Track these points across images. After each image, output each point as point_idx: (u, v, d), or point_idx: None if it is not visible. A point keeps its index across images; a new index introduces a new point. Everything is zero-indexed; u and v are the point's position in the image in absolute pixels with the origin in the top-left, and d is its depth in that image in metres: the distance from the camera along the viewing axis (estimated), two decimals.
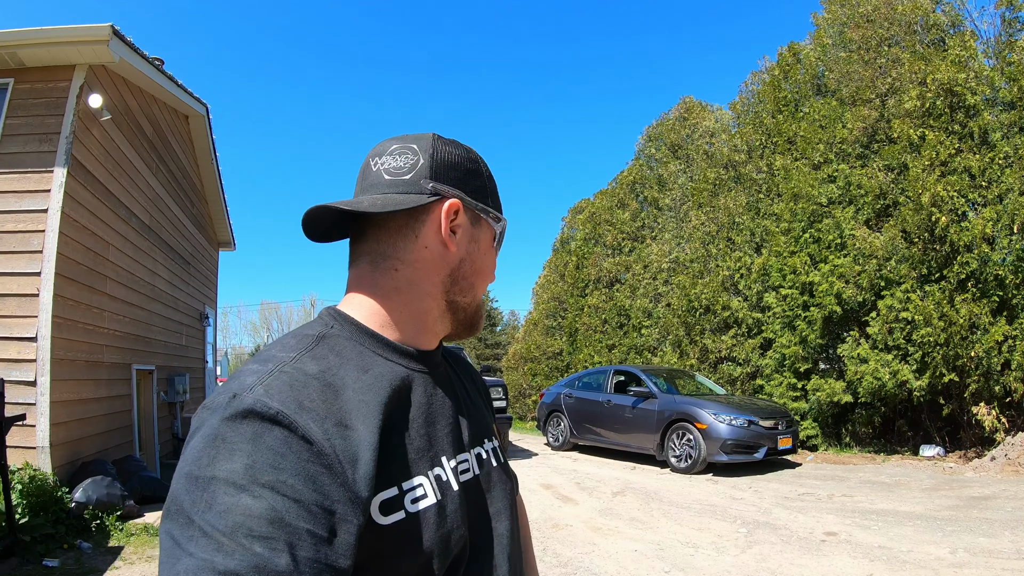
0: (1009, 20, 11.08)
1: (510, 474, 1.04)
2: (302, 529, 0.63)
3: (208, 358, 12.76)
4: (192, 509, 0.63)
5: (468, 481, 0.89)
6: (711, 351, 14.57)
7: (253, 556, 0.60)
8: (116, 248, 7.72)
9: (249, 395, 0.69)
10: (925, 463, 10.24)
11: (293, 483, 0.65)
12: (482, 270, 0.96)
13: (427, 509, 0.78)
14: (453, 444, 0.89)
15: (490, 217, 0.96)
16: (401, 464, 0.78)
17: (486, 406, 1.11)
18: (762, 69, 16.39)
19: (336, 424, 0.72)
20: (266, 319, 52.47)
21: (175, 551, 0.62)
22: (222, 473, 0.64)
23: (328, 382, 0.76)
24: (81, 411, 6.67)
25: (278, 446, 0.66)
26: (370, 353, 0.84)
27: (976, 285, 10.12)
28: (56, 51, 6.20)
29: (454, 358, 1.09)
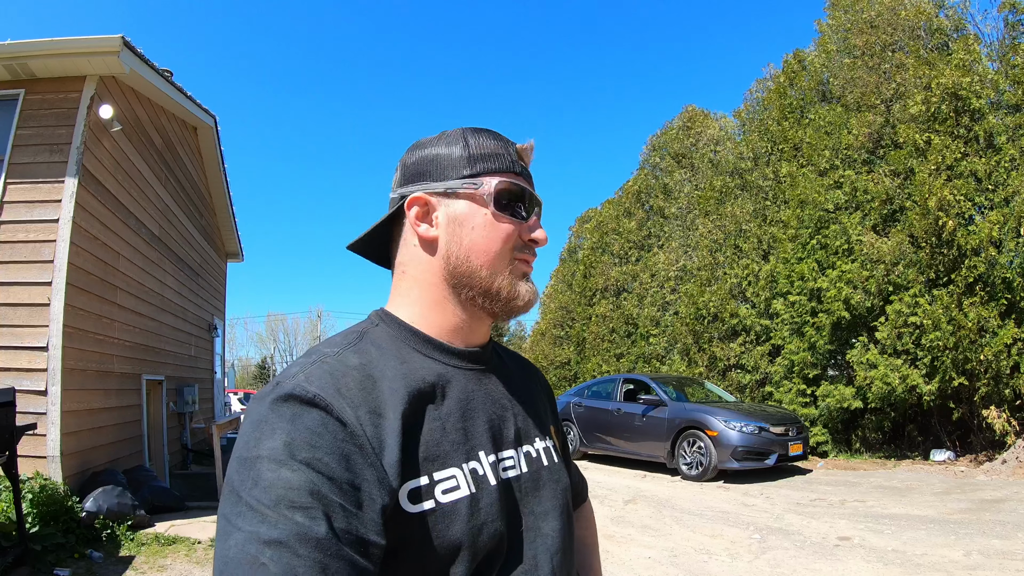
0: (1012, 23, 11.12)
1: (567, 475, 1.03)
2: (335, 503, 0.68)
3: (217, 369, 12.77)
4: (240, 487, 0.68)
5: (512, 478, 0.90)
6: (720, 359, 14.54)
7: (295, 525, 0.64)
8: (126, 258, 7.76)
9: (290, 381, 0.75)
10: (936, 467, 10.17)
11: (328, 460, 0.70)
12: (473, 246, 0.91)
13: (459, 501, 0.80)
14: (494, 440, 0.89)
15: (464, 188, 0.91)
16: (433, 455, 0.80)
17: (548, 406, 1.10)
18: (766, 76, 16.47)
19: (369, 411, 0.76)
20: (272, 331, 52.63)
21: (227, 528, 0.66)
22: (265, 451, 0.69)
23: (368, 373, 0.81)
24: (91, 421, 6.68)
25: (315, 426, 0.71)
26: (409, 349, 0.89)
27: (984, 288, 10.08)
28: (67, 62, 6.25)
29: (512, 356, 1.10)
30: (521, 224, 0.93)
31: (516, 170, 0.94)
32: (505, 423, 0.93)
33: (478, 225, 0.91)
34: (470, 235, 0.91)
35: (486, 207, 0.91)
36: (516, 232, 0.93)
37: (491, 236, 0.91)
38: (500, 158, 0.93)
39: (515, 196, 0.93)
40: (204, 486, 8.23)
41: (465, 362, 0.93)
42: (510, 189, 0.92)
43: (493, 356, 1.00)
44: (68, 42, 6.11)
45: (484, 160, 0.92)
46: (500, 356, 1.05)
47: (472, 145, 0.93)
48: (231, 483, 0.69)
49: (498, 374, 0.98)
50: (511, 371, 1.04)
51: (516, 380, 1.03)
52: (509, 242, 0.92)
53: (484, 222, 0.91)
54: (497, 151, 0.94)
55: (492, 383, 0.95)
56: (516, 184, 0.93)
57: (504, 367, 1.03)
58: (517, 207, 0.93)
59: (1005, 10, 11.07)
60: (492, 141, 0.95)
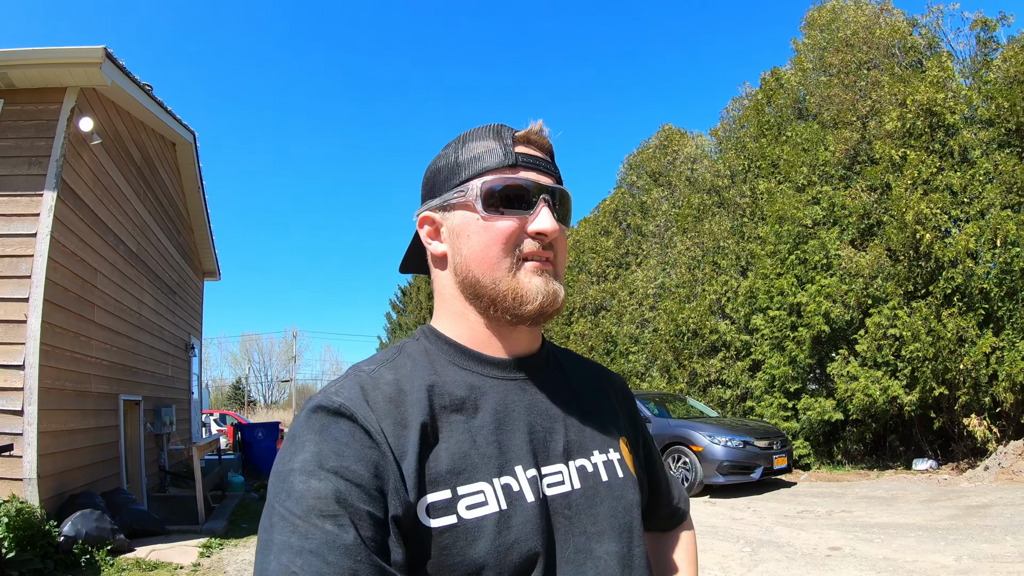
0: (984, 40, 11.48)
1: (638, 491, 0.95)
2: (363, 510, 0.69)
3: (194, 389, 12.54)
4: (275, 500, 0.70)
5: (558, 495, 0.84)
6: (700, 375, 14.62)
7: (324, 533, 0.66)
8: (104, 275, 7.59)
9: (321, 395, 0.78)
10: (919, 476, 10.28)
11: (356, 468, 0.71)
12: (472, 255, 0.87)
13: (485, 517, 0.76)
14: (536, 454, 0.84)
15: (455, 198, 0.89)
16: (459, 468, 0.78)
17: (621, 416, 1.02)
18: (743, 95, 16.74)
19: (395, 423, 0.76)
20: (247, 351, 51.78)
21: (264, 540, 0.69)
22: (297, 464, 0.71)
23: (400, 387, 0.81)
24: (69, 442, 6.48)
25: (342, 436, 0.73)
26: (445, 361, 0.87)
27: (962, 299, 10.29)
28: (47, 72, 6.13)
29: (579, 363, 1.05)
30: (523, 218, 0.87)
31: (508, 162, 0.87)
32: (552, 435, 0.88)
33: (472, 232, 0.87)
34: (468, 244, 0.88)
35: (476, 211, 0.87)
36: (516, 229, 0.86)
37: (485, 240, 0.86)
38: (489, 155, 0.88)
39: (508, 191, 0.87)
40: (183, 509, 8.01)
41: (506, 372, 0.89)
42: (499, 185, 0.86)
43: (548, 363, 0.96)
44: (49, 52, 5.99)
45: (472, 163, 0.89)
46: (560, 362, 1.00)
47: (460, 151, 0.91)
48: (268, 498, 0.72)
49: (551, 382, 0.93)
50: (571, 379, 0.98)
51: (575, 388, 0.97)
52: (506, 242, 0.86)
53: (477, 228, 0.87)
54: (487, 148, 0.89)
55: (540, 392, 0.90)
56: (507, 178, 0.87)
57: (562, 375, 0.97)
58: (513, 202, 0.87)
59: (977, 28, 11.45)
60: (481, 141, 0.90)
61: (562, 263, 0.92)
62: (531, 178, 0.88)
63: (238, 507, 8.84)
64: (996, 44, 11.39)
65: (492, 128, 0.91)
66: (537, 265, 0.87)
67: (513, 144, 0.89)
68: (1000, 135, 10.57)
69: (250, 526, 7.74)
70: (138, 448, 8.75)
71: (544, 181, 0.89)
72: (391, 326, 44.78)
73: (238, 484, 10.09)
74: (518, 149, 0.89)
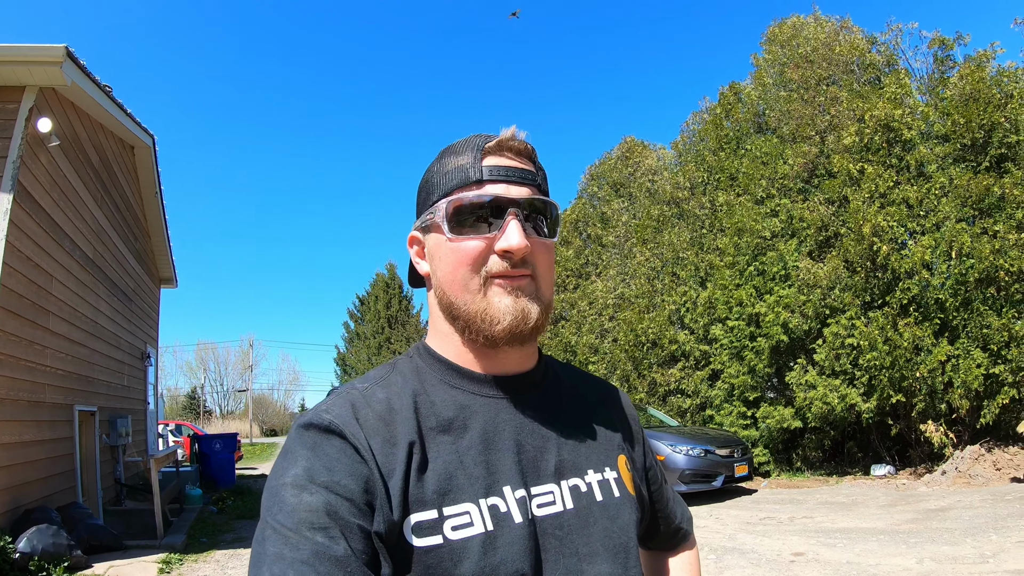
0: (941, 58, 11.91)
1: (634, 511, 0.92)
2: (353, 524, 0.70)
3: (150, 399, 12.18)
4: (267, 514, 0.72)
5: (549, 515, 0.83)
6: (660, 384, 14.75)
7: (315, 545, 0.67)
8: (59, 282, 7.33)
9: (311, 412, 0.79)
10: (878, 482, 10.53)
11: (346, 483, 0.72)
12: (444, 277, 0.86)
13: (471, 538, 0.76)
14: (524, 473, 0.83)
15: (428, 219, 0.88)
16: (445, 489, 0.77)
17: (620, 433, 0.99)
18: (703, 109, 17.00)
19: (385, 441, 0.77)
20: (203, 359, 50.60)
21: (258, 553, 0.70)
22: (288, 478, 0.72)
23: (390, 406, 0.81)
24: (23, 454, 6.23)
25: (333, 452, 0.74)
26: (435, 380, 0.87)
27: (918, 309, 10.60)
28: (6, 70, 5.89)
29: (579, 378, 1.02)
30: (491, 236, 0.84)
31: (474, 178, 0.84)
32: (543, 454, 0.86)
33: (443, 254, 0.86)
34: (441, 266, 0.87)
35: (443, 233, 0.85)
36: (482, 249, 0.84)
37: (453, 262, 0.85)
38: (457, 172, 0.86)
39: (473, 209, 0.84)
40: (140, 523, 7.76)
41: (497, 390, 0.87)
42: (463, 204, 0.84)
43: (544, 380, 0.94)
44: (8, 49, 5.76)
45: (443, 182, 0.87)
46: (559, 378, 0.97)
47: (433, 170, 0.89)
48: (262, 512, 0.73)
49: (545, 400, 0.91)
50: (568, 395, 0.96)
51: (572, 405, 0.95)
52: (472, 263, 0.84)
53: (446, 249, 0.85)
54: (456, 165, 0.86)
55: (533, 411, 0.88)
56: (473, 196, 0.84)
57: (558, 391, 0.95)
58: (480, 220, 0.84)
59: (935, 46, 11.88)
60: (453, 156, 0.88)
61: (545, 278, 0.87)
62: (496, 193, 0.84)
63: (196, 521, 8.61)
64: (953, 63, 11.83)
65: (467, 141, 0.89)
66: (507, 283, 0.84)
67: (482, 156, 0.86)
68: (955, 150, 10.96)
69: (209, 540, 7.54)
70: (93, 460, 8.45)
71: (515, 194, 0.85)
72: (349, 335, 44.26)
73: (196, 497, 9.82)
74: (488, 161, 0.86)
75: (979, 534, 6.30)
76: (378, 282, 43.46)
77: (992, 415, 9.67)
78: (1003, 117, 10.44)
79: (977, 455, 9.65)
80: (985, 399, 9.84)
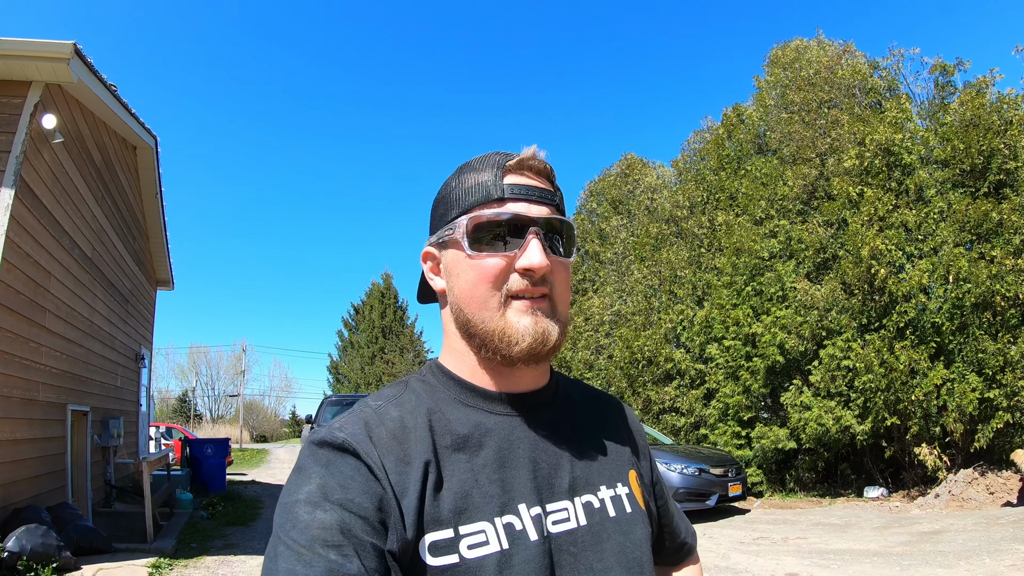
0: (942, 84, 12.04)
1: (646, 526, 0.93)
2: (367, 542, 0.70)
3: (142, 401, 12.10)
4: (280, 530, 0.71)
5: (563, 532, 0.83)
6: (654, 402, 14.75)
7: (328, 563, 0.67)
8: (57, 280, 7.29)
9: (325, 430, 0.79)
10: (871, 504, 10.51)
11: (360, 501, 0.72)
12: (462, 294, 0.86)
13: (486, 557, 0.76)
14: (540, 491, 0.83)
15: (447, 235, 0.87)
16: (461, 507, 0.77)
17: (629, 449, 1.00)
18: (704, 128, 17.13)
19: (398, 460, 0.77)
20: (195, 363, 50.31)
21: (270, 569, 0.69)
22: (302, 495, 0.72)
23: (403, 424, 0.81)
24: (14, 453, 6.16)
25: (348, 470, 0.74)
26: (449, 398, 0.87)
27: (914, 333, 10.64)
28: (13, 65, 5.88)
29: (589, 395, 1.02)
30: (511, 254, 0.84)
31: (496, 196, 0.85)
32: (558, 472, 0.86)
33: (462, 271, 0.86)
34: (458, 283, 0.86)
35: (463, 250, 0.85)
36: (503, 266, 0.84)
37: (472, 279, 0.84)
38: (477, 189, 0.86)
39: (494, 227, 0.84)
40: (130, 526, 7.68)
41: (511, 408, 0.88)
42: (485, 221, 0.84)
43: (555, 397, 0.94)
44: (16, 43, 5.75)
45: (462, 198, 0.87)
46: (569, 395, 0.98)
47: (452, 185, 0.89)
48: (274, 528, 0.73)
49: (557, 417, 0.92)
50: (579, 412, 0.97)
51: (583, 421, 0.96)
52: (493, 280, 0.83)
53: (465, 266, 0.85)
54: (476, 182, 0.86)
55: (546, 428, 0.89)
56: (493, 214, 0.84)
57: (569, 408, 0.96)
58: (501, 238, 0.84)
59: (936, 72, 12.03)
60: (473, 173, 0.88)
61: (562, 297, 0.88)
62: (518, 211, 0.84)
63: (187, 526, 8.52)
64: (953, 88, 11.97)
65: (487, 158, 0.89)
66: (527, 304, 0.84)
67: (503, 175, 0.86)
68: (954, 175, 11.06)
69: (200, 546, 7.46)
70: (84, 461, 8.38)
71: (535, 213, 0.85)
72: (343, 344, 44.16)
73: (187, 501, 9.73)
74: (509, 179, 0.86)
75: (973, 557, 6.29)
76: (373, 291, 43.45)
77: (986, 439, 9.68)
78: (1002, 143, 10.54)
79: (971, 479, 9.65)
80: (980, 423, 9.85)
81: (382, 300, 43.16)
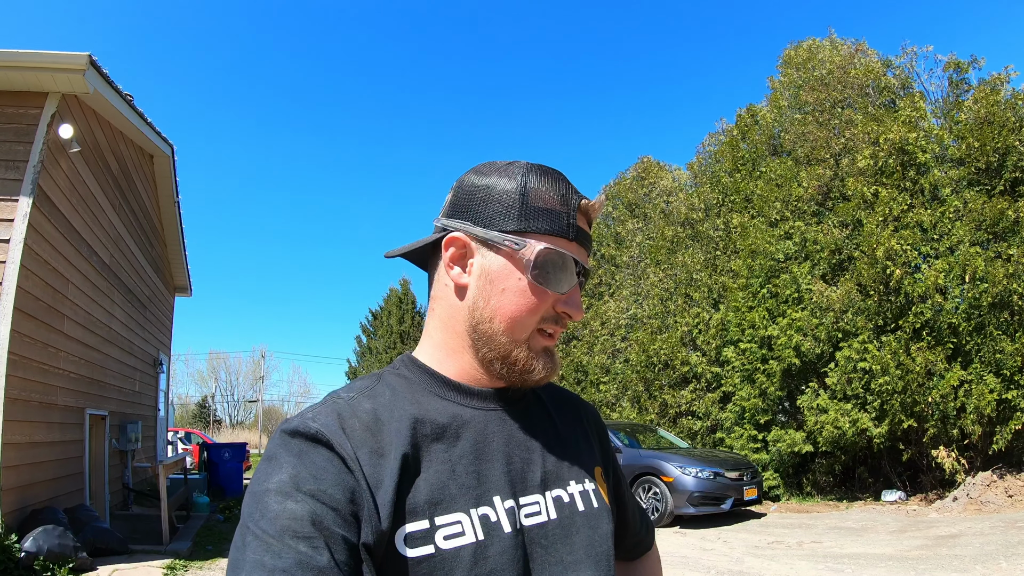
0: (956, 82, 11.89)
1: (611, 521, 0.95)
2: (338, 535, 0.70)
3: (160, 406, 12.26)
4: (249, 519, 0.70)
5: (535, 525, 0.85)
6: (671, 406, 14.68)
7: (298, 554, 0.66)
8: (75, 286, 7.44)
9: (297, 419, 0.78)
10: (888, 507, 10.39)
11: (332, 493, 0.71)
12: (500, 309, 0.85)
13: (462, 548, 0.77)
14: (513, 484, 0.85)
15: (505, 244, 0.84)
16: (437, 499, 0.78)
17: (595, 447, 1.02)
18: (719, 130, 17.06)
19: (372, 452, 0.77)
20: (214, 369, 50.69)
21: (236, 559, 0.69)
22: (273, 485, 0.71)
23: (376, 416, 0.81)
24: (33, 455, 6.28)
25: (320, 461, 0.74)
26: (425, 392, 0.87)
27: (931, 334, 10.51)
28: (29, 76, 6.03)
29: (556, 394, 1.04)
30: (557, 296, 0.85)
31: (569, 235, 0.85)
32: (530, 466, 0.88)
33: (510, 289, 0.85)
34: (499, 297, 0.85)
35: (524, 272, 0.84)
36: (549, 303, 0.86)
37: (520, 304, 0.84)
38: (555, 218, 0.85)
39: (559, 266, 0.85)
40: (146, 528, 7.79)
41: (486, 402, 0.89)
42: (556, 259, 0.84)
43: (526, 394, 0.96)
44: (32, 55, 5.89)
45: (537, 217, 0.85)
46: (538, 393, 1.00)
47: (529, 194, 0.85)
48: (242, 517, 0.72)
49: (530, 413, 0.94)
50: (548, 410, 0.98)
51: (553, 419, 0.97)
52: (539, 313, 0.85)
53: (517, 288, 0.84)
54: (555, 207, 0.85)
55: (519, 423, 0.90)
56: (564, 254, 0.85)
57: (540, 405, 0.98)
58: (558, 277, 0.85)
59: (950, 70, 11.89)
60: (553, 193, 0.86)
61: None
62: (580, 258, 0.87)
63: (203, 529, 8.62)
64: (968, 86, 11.82)
65: (561, 183, 0.88)
66: (549, 342, 0.88)
67: (576, 215, 0.87)
68: (970, 174, 10.92)
69: (215, 548, 7.55)
70: (102, 464, 8.51)
71: (585, 262, 0.88)
72: (361, 349, 44.28)
73: (203, 505, 9.85)
74: (578, 221, 0.87)
75: (989, 561, 6.21)
76: (391, 297, 43.58)
77: (1005, 441, 9.54)
78: (1018, 141, 10.41)
79: (989, 481, 9.52)
80: (998, 425, 9.70)
81: (400, 306, 43.28)
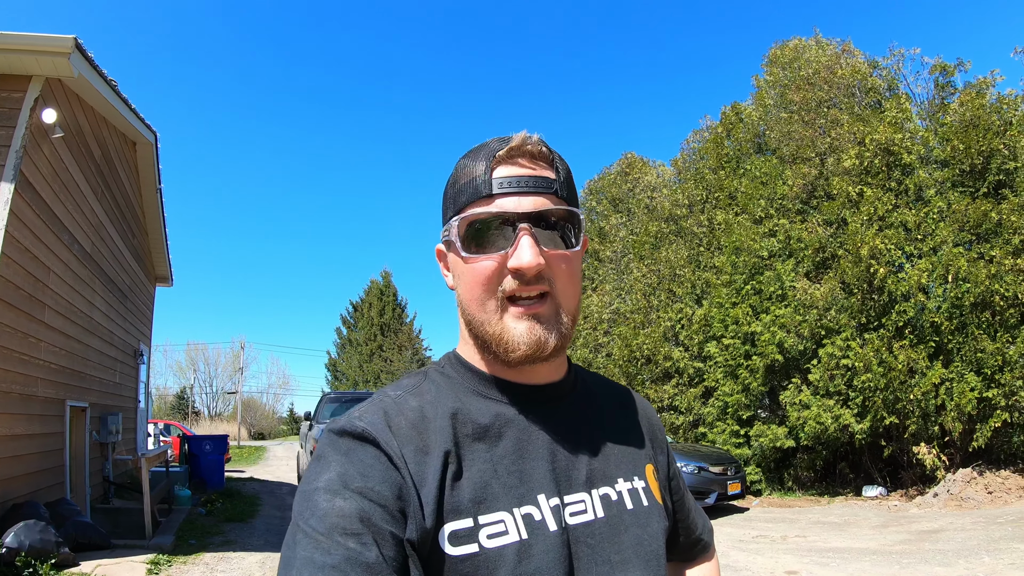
0: (942, 84, 12.06)
1: (664, 519, 0.93)
2: (385, 530, 0.70)
3: (140, 397, 12.07)
4: (299, 518, 0.72)
5: (581, 524, 0.82)
6: (653, 400, 14.76)
7: (347, 551, 0.67)
8: (56, 275, 7.27)
9: (345, 419, 0.79)
10: (870, 503, 10.53)
11: (380, 490, 0.72)
12: (464, 296, 0.85)
13: (506, 547, 0.75)
14: (558, 482, 0.83)
15: (446, 237, 0.86)
16: (480, 497, 0.77)
17: (647, 443, 0.98)
18: (703, 127, 17.14)
19: (417, 450, 0.77)
20: (192, 360, 50.15)
21: (287, 557, 0.70)
22: (322, 483, 0.73)
23: (423, 414, 0.81)
24: (13, 448, 6.14)
25: (367, 459, 0.74)
26: (467, 390, 0.86)
27: (913, 332, 10.66)
28: (13, 59, 5.85)
29: (608, 388, 1.01)
30: (502, 255, 0.80)
31: (485, 192, 0.81)
32: (575, 464, 0.85)
33: (461, 273, 0.84)
34: (460, 284, 0.86)
35: (459, 252, 0.83)
36: (495, 268, 0.81)
37: (469, 282, 0.83)
38: (469, 185, 0.82)
39: (483, 226, 0.81)
40: (128, 522, 7.66)
41: (529, 400, 0.87)
42: (474, 221, 0.81)
43: (574, 389, 0.93)
44: (16, 37, 5.71)
45: (458, 195, 0.84)
46: (588, 387, 0.96)
47: (450, 182, 0.86)
48: (293, 515, 0.74)
49: (575, 409, 0.91)
50: (597, 404, 0.95)
51: (601, 414, 0.94)
52: (486, 283, 0.81)
53: (464, 269, 0.83)
54: (473, 176, 0.82)
55: (565, 420, 0.88)
56: (479, 212, 0.81)
57: (588, 400, 0.94)
58: (492, 236, 0.81)
59: (936, 72, 12.05)
60: (472, 164, 0.83)
61: (565, 292, 0.83)
62: (506, 207, 0.80)
63: (185, 522, 8.51)
64: (953, 89, 12.01)
65: (481, 147, 0.85)
66: (522, 309, 0.81)
67: (491, 168, 0.82)
68: (954, 175, 11.09)
69: (198, 542, 7.45)
70: (83, 457, 8.35)
71: (526, 206, 0.80)
72: (341, 341, 44.15)
73: (185, 498, 9.71)
74: (500, 171, 0.81)
75: (972, 556, 6.31)
76: (372, 289, 43.45)
77: (985, 438, 9.71)
78: (1002, 144, 10.58)
79: (969, 478, 9.68)
80: (978, 422, 9.88)
81: (381, 298, 43.15)
